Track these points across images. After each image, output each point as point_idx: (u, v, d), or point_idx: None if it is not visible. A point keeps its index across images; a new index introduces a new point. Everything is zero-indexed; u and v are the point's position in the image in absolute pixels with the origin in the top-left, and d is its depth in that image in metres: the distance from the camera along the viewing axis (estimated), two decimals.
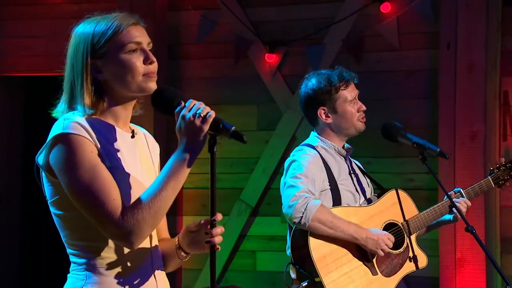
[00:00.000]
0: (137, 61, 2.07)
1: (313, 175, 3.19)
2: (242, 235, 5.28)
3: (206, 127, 1.98)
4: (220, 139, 2.03)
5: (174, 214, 5.36)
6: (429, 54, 4.97)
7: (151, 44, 2.13)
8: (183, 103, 2.01)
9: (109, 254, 2.05)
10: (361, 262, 3.19)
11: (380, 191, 3.44)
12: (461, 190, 3.40)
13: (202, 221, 2.12)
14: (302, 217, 3.09)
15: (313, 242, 3.14)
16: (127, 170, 2.08)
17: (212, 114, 2.00)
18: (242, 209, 5.26)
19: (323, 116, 3.33)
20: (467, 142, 4.80)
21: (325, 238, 3.15)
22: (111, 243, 2.05)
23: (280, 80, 5.25)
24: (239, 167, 5.31)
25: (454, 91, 4.83)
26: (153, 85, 2.09)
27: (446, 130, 4.84)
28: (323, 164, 3.26)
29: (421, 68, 4.99)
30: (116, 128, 2.12)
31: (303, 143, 3.38)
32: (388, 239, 3.19)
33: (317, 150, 3.29)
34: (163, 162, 2.08)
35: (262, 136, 5.29)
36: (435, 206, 3.40)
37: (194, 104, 2.01)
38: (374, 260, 3.21)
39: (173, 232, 5.50)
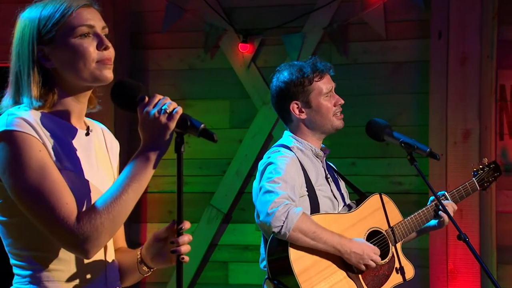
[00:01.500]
0: (90, 46, 2.04)
1: (293, 180, 3.19)
2: (212, 244, 5.28)
3: (173, 125, 1.97)
4: (188, 138, 2.03)
5: (137, 221, 5.34)
6: (418, 44, 5.00)
7: (106, 29, 2.10)
8: (146, 98, 2.00)
9: (57, 266, 2.02)
10: (346, 274, 3.21)
11: (358, 196, 3.45)
12: (446, 193, 3.43)
13: (169, 225, 2.11)
14: (282, 226, 3.08)
15: (293, 254, 3.14)
16: (80, 171, 2.05)
17: (179, 110, 1.99)
18: (213, 216, 5.26)
19: (296, 111, 3.33)
20: (460, 141, 4.85)
21: (307, 248, 3.15)
22: (61, 253, 2.02)
23: (255, 73, 5.25)
24: (210, 169, 5.31)
25: (446, 85, 4.87)
26: (108, 74, 2.07)
27: (437, 128, 4.89)
28: (300, 168, 3.26)
29: (410, 59, 5.03)
30: (68, 123, 2.09)
31: (276, 143, 3.38)
32: (374, 253, 3.20)
33: (293, 152, 3.29)
34: (125, 163, 2.07)
35: (235, 134, 5.29)
36: (420, 211, 3.42)
37: (159, 99, 1.99)
38: (358, 273, 3.23)
39: (136, 241, 5.51)
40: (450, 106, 4.86)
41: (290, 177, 3.18)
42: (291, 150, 3.29)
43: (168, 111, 1.98)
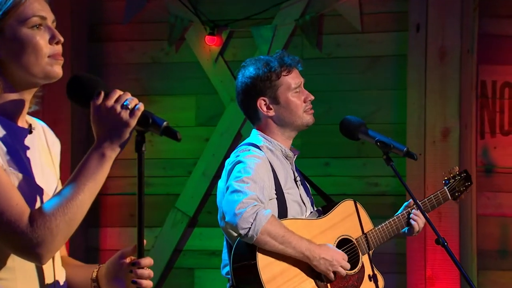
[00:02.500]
0: (42, 39, 2.03)
1: (262, 181, 3.19)
2: (177, 250, 5.27)
3: (134, 122, 1.97)
4: (151, 136, 2.03)
5: (95, 226, 5.32)
6: (395, 38, 5.04)
7: (55, 23, 2.09)
8: (102, 93, 1.99)
9: (1, 274, 1.98)
10: (314, 284, 3.22)
11: (324, 202, 3.46)
12: (418, 203, 3.45)
13: (131, 248, 2.09)
14: (250, 228, 3.07)
15: (262, 260, 3.14)
16: (25, 172, 2.03)
17: (141, 106, 1.98)
18: (178, 219, 5.26)
19: (264, 108, 3.33)
20: (439, 140, 4.89)
21: (275, 255, 3.15)
22: (9, 261, 1.99)
23: (223, 67, 5.26)
24: (174, 170, 5.30)
25: (424, 81, 4.91)
26: (59, 70, 2.05)
27: (415, 126, 4.92)
28: (270, 169, 3.27)
29: (386, 53, 5.06)
30: (11, 122, 2.06)
31: (245, 142, 3.37)
32: (343, 259, 3.22)
33: (263, 152, 3.30)
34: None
35: (202, 132, 5.29)
36: (391, 219, 3.45)
37: (120, 95, 1.99)
38: (327, 282, 3.24)
39: (95, 246, 5.49)
40: (429, 103, 4.90)
41: (259, 178, 3.18)
42: (260, 150, 3.29)
43: (129, 107, 1.97)
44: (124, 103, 1.98)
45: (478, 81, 4.93)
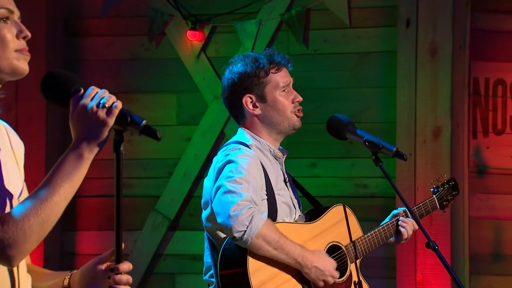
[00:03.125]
0: (9, 32, 2.02)
1: (255, 182, 3.18)
2: (158, 254, 5.26)
3: (111, 121, 1.97)
4: (130, 136, 2.03)
5: (71, 229, 5.30)
6: (385, 33, 5.05)
7: (20, 19, 2.08)
8: (81, 90, 1.99)
9: None
10: None
11: (311, 203, 3.47)
12: (406, 210, 3.47)
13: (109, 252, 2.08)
14: (245, 231, 3.06)
15: (252, 265, 3.14)
16: None
17: (119, 104, 1.99)
18: (158, 222, 5.25)
19: (250, 106, 3.33)
20: (430, 139, 4.90)
21: (266, 259, 3.15)
22: None
23: (205, 63, 5.25)
24: (154, 171, 5.29)
25: (414, 78, 4.92)
26: (26, 66, 2.05)
27: (405, 125, 4.93)
28: (262, 169, 3.27)
29: (375, 49, 5.07)
30: None
31: (233, 140, 3.36)
32: (333, 268, 3.23)
33: (253, 151, 3.29)
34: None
35: (183, 132, 5.29)
36: (380, 227, 3.46)
37: (97, 92, 1.99)
38: None
39: (70, 251, 5.46)
40: (419, 101, 4.92)
41: (252, 178, 3.17)
42: (250, 149, 3.29)
43: (106, 105, 1.97)
44: (101, 101, 1.98)
45: (470, 78, 4.95)
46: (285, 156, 3.42)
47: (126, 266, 2.02)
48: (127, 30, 5.31)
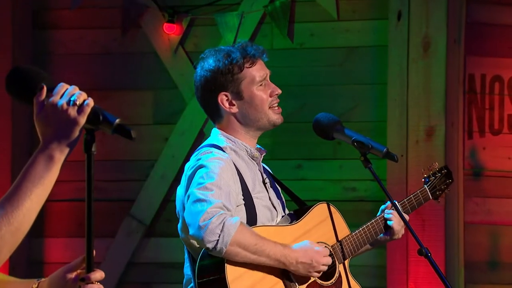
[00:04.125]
0: None
1: (228, 187, 3.18)
2: (132, 263, 5.26)
3: (83, 119, 1.97)
4: (102, 135, 2.03)
5: (39, 236, 5.28)
6: (375, 26, 5.07)
7: None
8: (44, 88, 1.99)
9: None
10: None
11: (297, 205, 3.47)
12: (396, 202, 3.48)
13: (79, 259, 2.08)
14: (218, 241, 3.06)
15: (231, 273, 3.13)
16: None
17: (90, 102, 1.99)
18: (133, 228, 5.24)
19: (226, 104, 3.33)
20: (423, 140, 4.92)
21: (246, 265, 3.15)
22: None
23: (183, 58, 5.25)
24: (129, 173, 5.29)
25: (406, 74, 4.94)
26: None
27: (397, 125, 4.95)
28: (236, 172, 3.27)
29: (364, 44, 5.08)
30: None
31: (205, 143, 3.37)
32: (323, 256, 3.23)
33: (227, 154, 3.30)
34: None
35: (160, 131, 5.28)
36: (368, 223, 3.47)
37: (67, 89, 1.99)
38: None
39: (38, 259, 5.44)
40: (411, 99, 4.94)
41: (224, 183, 3.17)
42: (224, 151, 3.29)
43: (77, 103, 1.98)
44: (72, 99, 1.98)
45: (465, 74, 4.97)
46: (263, 155, 3.43)
47: (98, 274, 2.02)
48: (100, 22, 5.30)
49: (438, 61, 4.92)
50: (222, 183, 3.16)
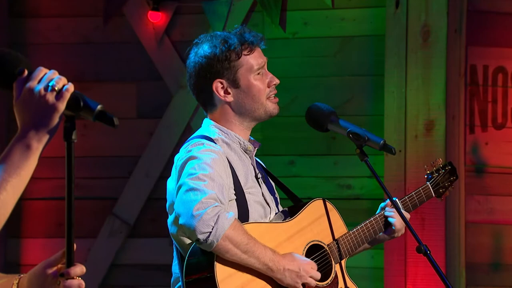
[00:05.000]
0: None
1: (221, 179, 3.18)
2: (115, 265, 5.26)
3: (62, 106, 1.97)
4: (83, 129, 2.03)
5: (15, 236, 5.27)
6: (371, 15, 5.07)
7: None
8: (26, 71, 1.99)
9: None
10: None
11: (292, 202, 3.48)
12: (397, 200, 3.49)
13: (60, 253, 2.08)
14: (210, 233, 3.07)
15: (220, 271, 3.14)
16: None
17: (70, 87, 1.99)
18: (116, 228, 5.24)
19: (221, 92, 3.33)
20: (422, 134, 4.93)
21: (236, 265, 3.15)
22: None
23: (169, 48, 5.25)
24: (112, 169, 5.28)
25: (404, 65, 4.94)
26: None
27: (394, 119, 4.96)
28: (228, 166, 3.27)
29: (361, 33, 5.09)
30: None
31: (196, 134, 3.36)
32: (311, 268, 3.23)
33: (219, 146, 3.30)
34: None
35: (144, 126, 5.28)
36: (367, 221, 3.47)
37: (45, 74, 2.00)
38: None
39: (15, 261, 5.43)
40: (410, 91, 4.95)
41: (217, 175, 3.17)
42: (215, 143, 3.29)
43: (56, 88, 1.98)
44: (50, 84, 1.98)
45: (467, 65, 4.98)
46: (256, 148, 3.43)
47: (78, 269, 2.02)
48: (80, 10, 5.30)
49: (438, 51, 4.93)
50: (215, 175, 3.17)
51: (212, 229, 3.07)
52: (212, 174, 3.16)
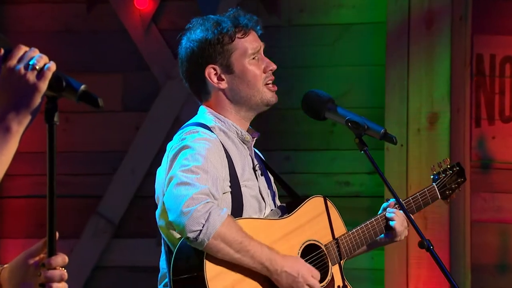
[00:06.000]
0: None
1: (215, 171, 3.18)
2: (99, 267, 5.26)
3: (44, 85, 1.98)
4: (65, 124, 2.03)
5: None
6: (372, 1, 5.08)
7: None
8: (1, 50, 2.00)
9: None
10: None
11: (290, 196, 3.48)
12: (400, 200, 3.49)
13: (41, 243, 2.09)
14: (200, 231, 3.06)
15: (210, 270, 3.13)
16: None
17: (52, 66, 2.01)
18: (100, 228, 5.24)
19: (214, 79, 3.33)
20: (425, 128, 4.94)
21: (227, 263, 3.15)
22: None
23: (157, 37, 5.25)
24: (96, 166, 5.28)
25: (407, 55, 4.95)
26: None
27: (396, 111, 4.97)
28: (225, 155, 3.27)
29: (360, 20, 5.10)
30: None
31: (191, 121, 3.36)
32: (311, 276, 3.24)
33: (215, 134, 3.30)
34: None
35: (130, 119, 5.28)
36: (368, 222, 3.47)
37: (25, 52, 2.01)
38: None
39: None
40: (412, 82, 4.95)
41: (212, 167, 3.17)
42: (211, 131, 3.29)
43: (37, 67, 1.99)
44: (30, 62, 2.00)
45: (472, 54, 4.99)
46: (255, 138, 3.43)
47: (60, 259, 2.03)
48: None
49: (442, 39, 4.94)
50: (209, 166, 3.16)
51: (203, 227, 3.07)
52: (205, 165, 3.16)
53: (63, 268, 2.05)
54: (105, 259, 5.26)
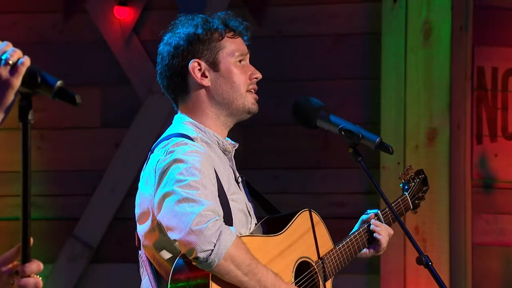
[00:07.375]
0: None
1: (212, 186, 3.16)
2: None
3: (17, 81, 2.00)
4: (40, 142, 2.04)
5: None
6: (367, 10, 5.10)
7: None
8: None
9: None
10: None
11: (265, 211, 3.49)
12: (379, 212, 3.52)
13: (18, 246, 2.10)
14: (212, 251, 3.03)
15: None
16: None
17: (26, 61, 2.03)
18: (77, 252, 5.23)
19: (198, 74, 3.32)
20: (424, 144, 4.95)
21: (230, 285, 3.13)
22: None
23: (138, 49, 5.27)
24: (73, 186, 5.27)
25: (404, 67, 4.97)
26: None
27: (392, 127, 4.99)
28: (213, 169, 3.26)
29: (354, 31, 5.12)
30: None
31: (171, 133, 3.35)
32: None
33: (202, 147, 3.30)
34: None
35: (109, 136, 5.29)
36: (351, 235, 3.50)
37: None
38: None
39: None
40: (410, 96, 4.97)
41: (209, 181, 3.14)
42: (197, 143, 3.29)
43: (10, 61, 2.00)
44: (3, 57, 2.02)
45: (473, 67, 5.01)
46: (234, 149, 3.44)
47: (34, 266, 2.03)
48: (37, 5, 5.31)
49: (441, 51, 4.96)
50: (206, 181, 3.15)
51: (214, 247, 3.03)
52: (203, 180, 3.14)
53: (38, 276, 2.05)
54: (82, 285, 5.25)
